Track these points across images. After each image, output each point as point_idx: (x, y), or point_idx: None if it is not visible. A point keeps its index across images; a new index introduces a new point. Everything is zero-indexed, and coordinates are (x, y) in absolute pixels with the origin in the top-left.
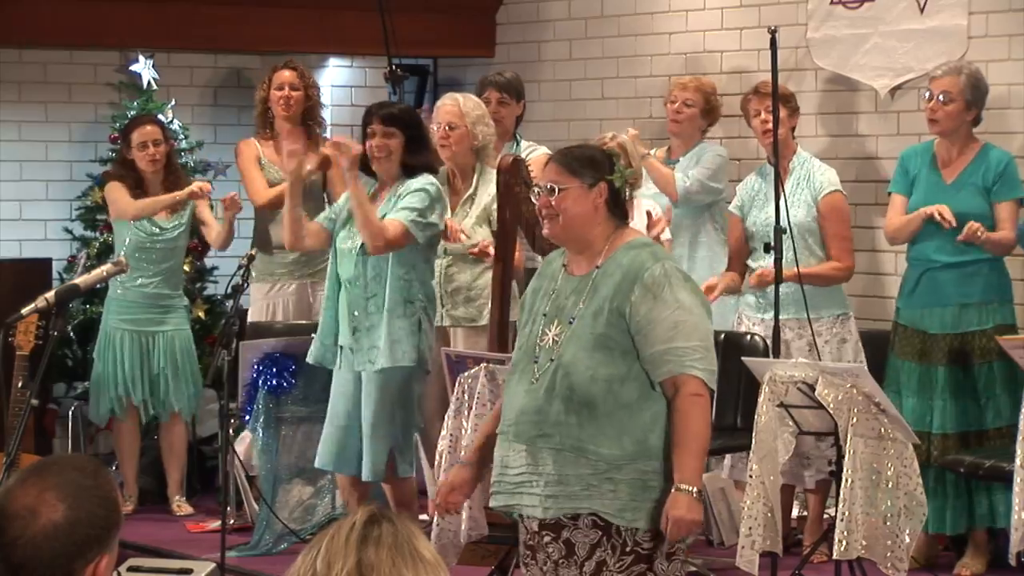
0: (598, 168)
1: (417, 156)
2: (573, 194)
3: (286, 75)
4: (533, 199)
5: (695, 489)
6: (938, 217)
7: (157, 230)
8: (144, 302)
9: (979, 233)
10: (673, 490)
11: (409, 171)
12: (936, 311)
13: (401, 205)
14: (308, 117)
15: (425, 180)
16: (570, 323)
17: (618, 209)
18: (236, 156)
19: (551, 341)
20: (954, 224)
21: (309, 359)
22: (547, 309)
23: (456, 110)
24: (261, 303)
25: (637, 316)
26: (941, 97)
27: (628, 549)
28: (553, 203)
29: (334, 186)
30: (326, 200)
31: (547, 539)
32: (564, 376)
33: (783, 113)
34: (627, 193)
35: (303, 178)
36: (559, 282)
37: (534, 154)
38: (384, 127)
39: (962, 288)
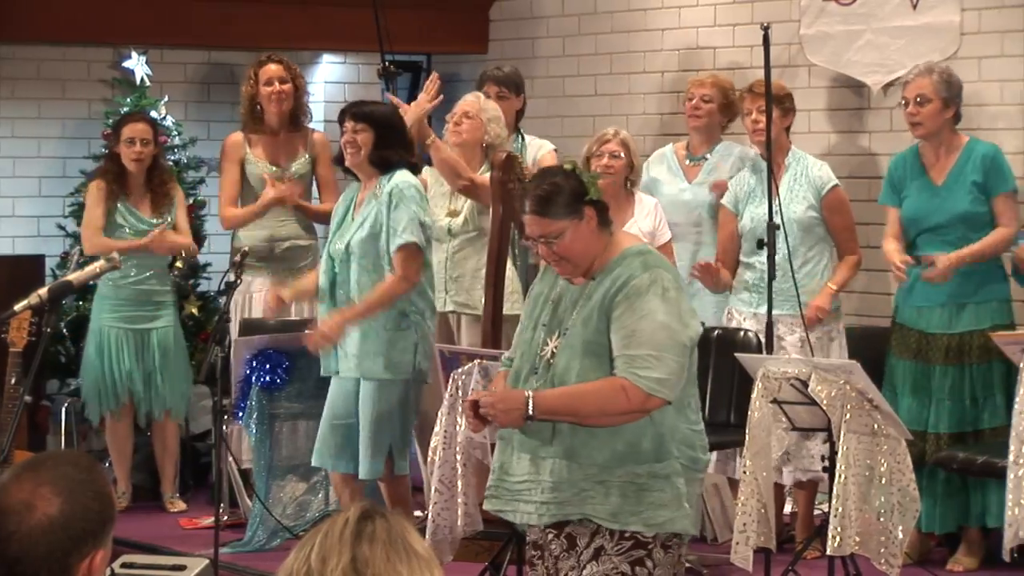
0: (575, 197)
1: (386, 151)
2: (569, 235)
3: (272, 69)
4: (530, 246)
5: (533, 411)
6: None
7: (144, 227)
8: (136, 299)
9: (943, 272)
10: (530, 391)
11: (381, 166)
12: (934, 310)
13: (395, 227)
14: (297, 109)
15: (400, 179)
16: (564, 334)
17: (604, 217)
18: (221, 152)
19: (549, 354)
20: (904, 279)
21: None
22: (547, 319)
23: (476, 104)
24: (236, 298)
25: (613, 322)
26: (918, 99)
27: (627, 535)
28: (556, 251)
29: (321, 189)
30: (315, 188)
31: (551, 536)
32: (558, 385)
33: (776, 113)
34: (597, 193)
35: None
36: (559, 290)
37: (542, 152)
38: (354, 123)
39: (959, 287)
